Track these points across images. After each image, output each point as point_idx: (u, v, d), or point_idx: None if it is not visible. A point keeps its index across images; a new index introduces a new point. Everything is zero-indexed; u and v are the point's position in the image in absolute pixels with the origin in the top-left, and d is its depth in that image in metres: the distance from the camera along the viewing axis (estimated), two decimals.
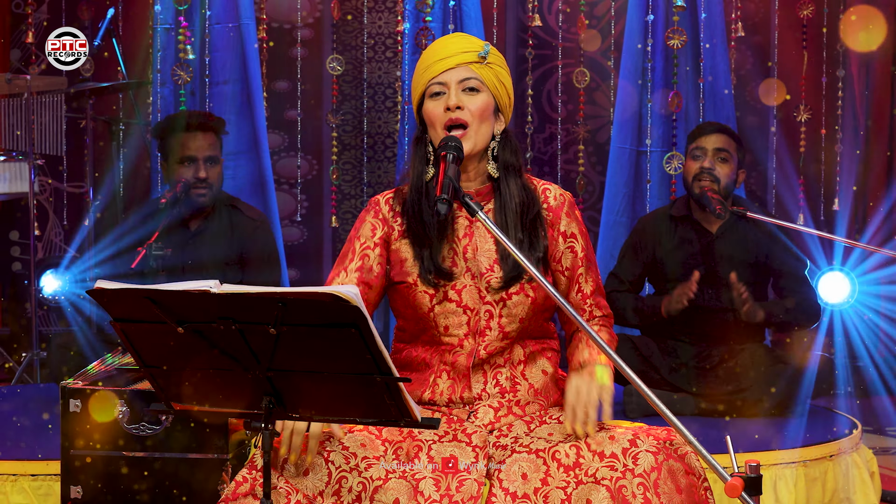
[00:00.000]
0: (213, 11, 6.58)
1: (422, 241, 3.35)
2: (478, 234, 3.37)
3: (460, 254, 3.35)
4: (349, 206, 7.40)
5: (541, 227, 3.38)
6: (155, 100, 6.63)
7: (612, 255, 6.53)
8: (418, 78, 3.40)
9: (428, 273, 3.32)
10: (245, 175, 6.64)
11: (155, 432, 3.95)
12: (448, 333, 3.34)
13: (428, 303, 3.32)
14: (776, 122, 7.07)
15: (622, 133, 6.80)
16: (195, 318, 2.59)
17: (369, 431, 3.18)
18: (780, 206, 7.05)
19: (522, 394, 3.34)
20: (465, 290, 3.32)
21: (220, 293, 2.53)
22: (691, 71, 6.76)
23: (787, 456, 4.77)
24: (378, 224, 3.42)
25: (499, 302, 3.32)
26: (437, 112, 3.32)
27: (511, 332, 3.34)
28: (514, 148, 3.42)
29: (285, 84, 7.29)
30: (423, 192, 3.37)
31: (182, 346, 2.65)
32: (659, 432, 3.10)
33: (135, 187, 7.09)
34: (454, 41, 3.40)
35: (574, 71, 6.96)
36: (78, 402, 3.94)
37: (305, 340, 2.58)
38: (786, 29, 7.09)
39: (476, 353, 3.32)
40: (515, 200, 3.36)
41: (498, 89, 3.37)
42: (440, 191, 3.07)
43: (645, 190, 6.82)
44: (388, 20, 7.36)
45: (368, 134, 7.36)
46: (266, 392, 2.69)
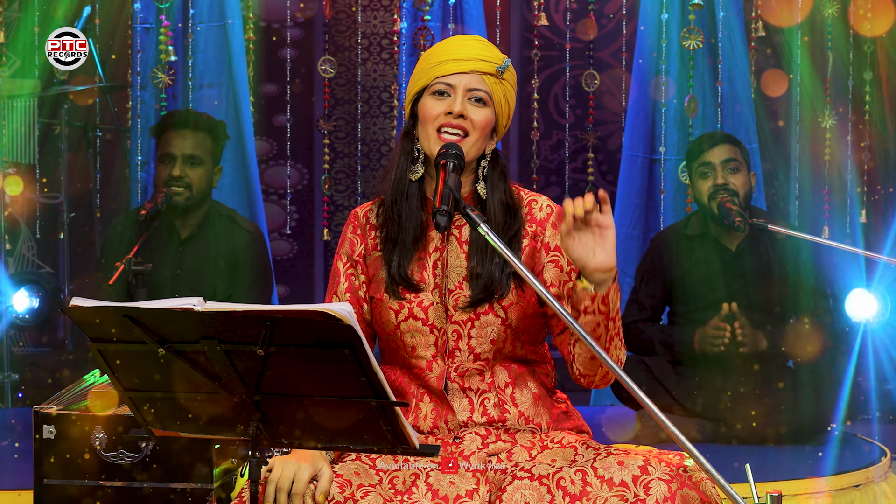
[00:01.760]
0: (196, 10, 6.60)
1: (392, 248, 3.35)
2: (449, 248, 3.35)
3: (429, 268, 3.34)
4: (342, 218, 7.41)
5: (516, 243, 3.35)
6: (134, 104, 6.64)
7: (623, 270, 6.53)
8: (424, 70, 3.37)
9: (393, 282, 3.32)
10: (230, 185, 6.65)
11: (134, 460, 3.95)
12: (416, 354, 3.33)
13: (394, 319, 3.32)
14: (799, 129, 7.06)
15: (634, 140, 6.81)
16: (177, 338, 2.59)
17: (363, 460, 3.19)
18: (803, 219, 7.05)
19: (512, 422, 3.32)
20: (432, 308, 3.31)
21: (204, 311, 2.53)
22: (708, 73, 6.78)
23: (812, 485, 4.77)
24: (356, 239, 3.44)
25: (467, 322, 3.30)
26: (435, 111, 3.31)
27: (483, 354, 3.31)
28: (503, 169, 3.41)
29: (274, 87, 7.31)
30: (404, 193, 3.36)
31: (163, 368, 2.65)
32: (672, 458, 3.09)
33: (113, 198, 7.09)
34: (474, 45, 3.38)
35: (583, 73, 6.97)
36: (52, 428, 3.94)
37: (295, 362, 2.59)
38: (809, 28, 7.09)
39: (447, 376, 3.31)
40: (498, 220, 3.34)
41: (502, 108, 3.36)
42: (440, 201, 3.05)
43: (659, 201, 6.82)
44: (384, 19, 7.39)
45: (363, 141, 7.37)
46: (253, 417, 2.69)
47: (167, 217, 5.70)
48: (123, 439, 3.96)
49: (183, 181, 5.64)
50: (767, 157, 6.94)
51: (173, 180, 5.65)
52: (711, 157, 5.76)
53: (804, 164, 7.06)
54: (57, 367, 6.07)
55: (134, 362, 2.68)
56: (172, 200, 5.64)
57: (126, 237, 5.67)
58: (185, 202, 5.66)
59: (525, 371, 3.38)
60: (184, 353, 2.61)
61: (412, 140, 3.39)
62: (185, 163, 5.66)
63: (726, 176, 5.72)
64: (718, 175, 5.73)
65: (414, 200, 3.36)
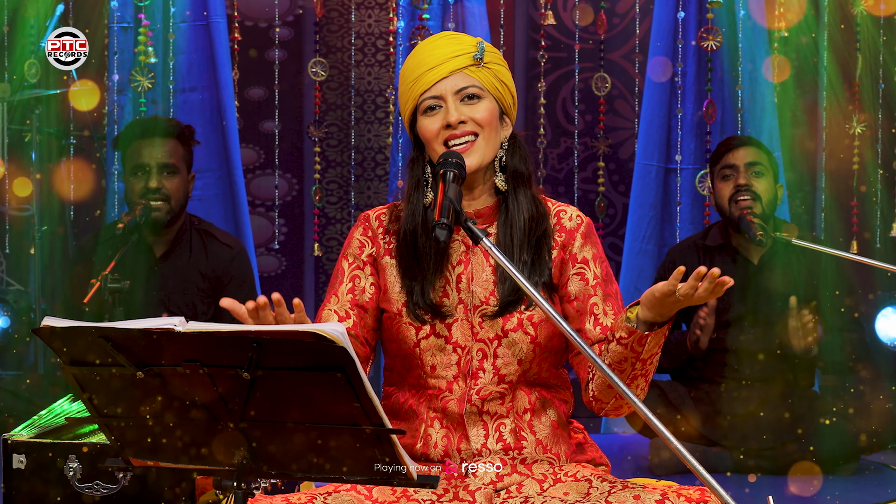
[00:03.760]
0: (177, 8, 6.61)
1: (413, 275, 3.34)
2: (475, 260, 3.34)
3: (453, 283, 3.33)
4: (334, 231, 7.42)
5: (546, 247, 3.36)
6: (111, 109, 6.65)
7: (636, 287, 6.54)
8: (406, 92, 3.36)
9: (416, 308, 3.31)
10: (214, 196, 6.66)
11: (111, 492, 3.96)
12: (435, 374, 3.31)
13: (413, 336, 3.31)
14: (825, 136, 7.06)
15: (648, 148, 6.82)
16: (157, 361, 2.59)
17: (358, 491, 3.19)
18: (829, 232, 7.05)
19: (529, 450, 3.31)
20: (456, 325, 3.31)
21: (186, 332, 2.53)
22: (728, 76, 6.79)
23: None
24: (367, 241, 3.41)
25: (493, 340, 3.30)
26: (434, 129, 3.29)
27: (508, 376, 3.30)
28: (524, 154, 3.40)
29: (261, 91, 7.32)
30: (420, 222, 3.34)
31: (142, 393, 2.66)
32: (691, 493, 3.09)
33: (88, 210, 7.09)
34: (441, 44, 3.36)
35: (593, 76, 6.98)
36: (22, 458, 3.95)
37: (284, 386, 2.59)
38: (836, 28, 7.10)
39: (468, 398, 3.30)
40: (524, 215, 3.33)
41: (500, 91, 3.34)
42: (439, 214, 3.04)
43: (675, 213, 6.83)
44: (380, 18, 7.40)
45: (356, 149, 7.38)
46: (239, 445, 2.69)
47: (140, 234, 5.69)
48: (99, 469, 3.96)
49: (161, 192, 5.65)
50: (791, 166, 6.94)
51: (150, 192, 5.65)
52: (735, 159, 5.77)
53: (830, 174, 7.07)
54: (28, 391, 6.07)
55: (110, 387, 2.68)
56: (152, 217, 5.64)
57: (102, 252, 5.68)
58: (166, 216, 5.67)
59: (546, 397, 3.37)
60: (164, 376, 2.61)
61: (421, 166, 3.38)
62: (160, 173, 5.67)
63: (749, 178, 5.73)
64: (741, 176, 5.74)
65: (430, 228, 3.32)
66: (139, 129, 5.84)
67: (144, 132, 5.76)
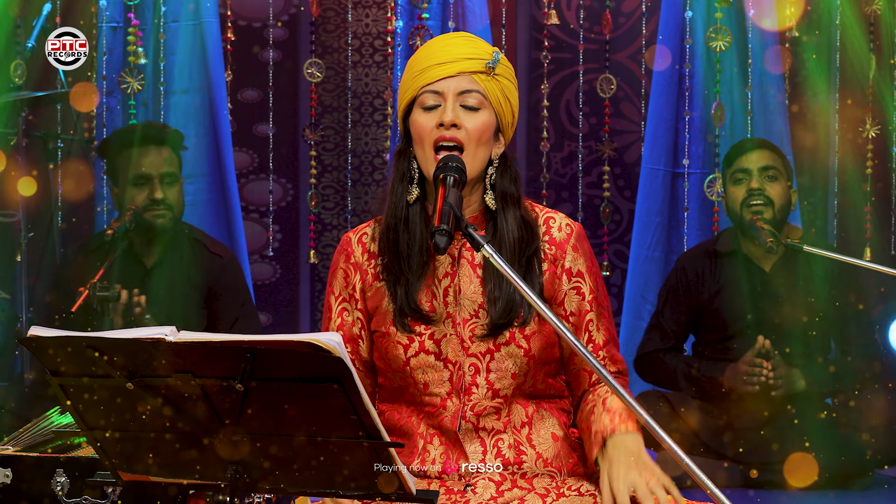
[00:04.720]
0: (169, 7, 6.62)
1: (396, 279, 3.34)
2: (461, 273, 3.34)
3: (440, 297, 3.33)
4: (330, 238, 7.42)
5: (537, 264, 3.36)
6: (100, 112, 6.65)
7: (642, 296, 6.54)
8: (408, 82, 3.36)
9: (402, 315, 3.31)
10: (206, 201, 6.66)
11: None
12: (428, 391, 3.32)
13: (402, 354, 3.32)
14: (838, 139, 7.06)
15: (655, 151, 6.83)
16: (148, 372, 2.59)
17: None
18: (842, 238, 7.04)
19: (529, 465, 3.32)
20: (445, 341, 3.31)
21: (177, 342, 2.53)
22: (737, 78, 6.79)
23: None
24: (350, 270, 3.42)
25: (485, 354, 3.30)
26: (427, 127, 3.30)
27: (503, 390, 3.31)
28: (514, 175, 3.40)
29: (255, 93, 7.32)
30: (401, 218, 3.36)
31: (132, 405, 2.65)
32: None
33: (76, 216, 7.09)
34: (457, 43, 3.37)
35: (598, 78, 6.99)
36: (8, 472, 3.95)
37: (278, 398, 2.59)
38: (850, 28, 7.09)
39: (462, 415, 3.30)
40: (513, 236, 3.33)
41: (502, 106, 3.34)
42: (439, 220, 3.04)
43: (682, 219, 6.83)
44: (377, 17, 7.40)
45: (353, 153, 7.38)
46: (231, 459, 2.69)
47: (130, 242, 5.70)
48: (87, 484, 3.96)
49: (165, 203, 5.68)
50: (803, 170, 6.93)
51: (154, 204, 5.67)
52: (748, 163, 5.77)
53: (844, 179, 7.05)
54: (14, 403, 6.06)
55: (99, 398, 2.68)
56: (156, 224, 5.66)
57: (90, 260, 5.68)
58: (169, 224, 5.71)
59: (543, 408, 3.38)
60: (155, 388, 2.61)
61: (408, 159, 3.38)
62: (162, 183, 5.69)
63: (763, 182, 5.73)
64: (754, 180, 5.74)
65: (416, 225, 3.34)
66: (133, 137, 5.84)
67: (143, 139, 5.76)
